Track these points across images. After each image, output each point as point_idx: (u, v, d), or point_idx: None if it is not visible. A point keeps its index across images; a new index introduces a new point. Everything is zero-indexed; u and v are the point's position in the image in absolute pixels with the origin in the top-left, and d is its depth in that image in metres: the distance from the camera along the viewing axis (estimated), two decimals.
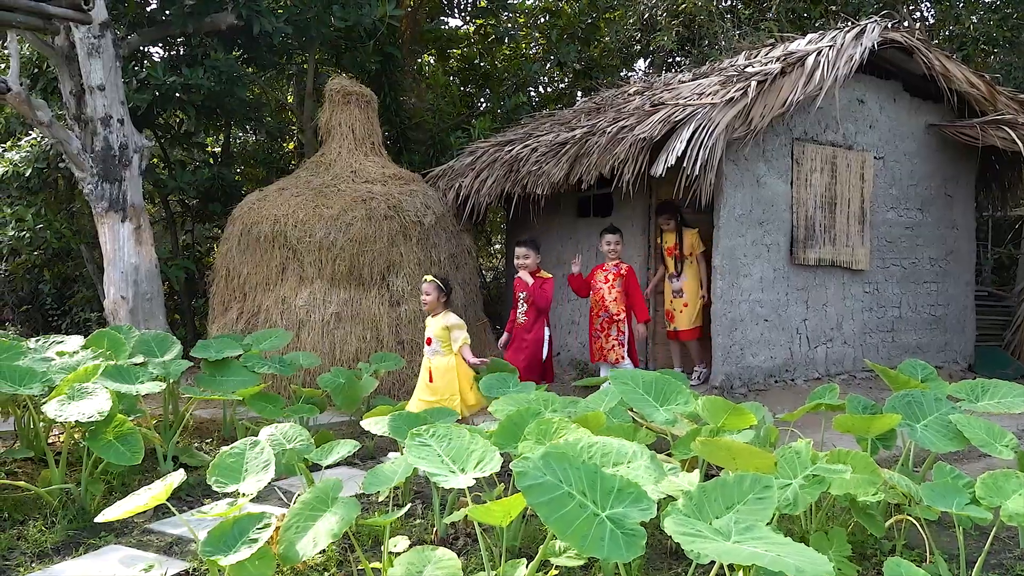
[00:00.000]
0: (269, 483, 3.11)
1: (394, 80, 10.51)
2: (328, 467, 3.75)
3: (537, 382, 5.19)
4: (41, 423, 4.50)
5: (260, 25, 8.10)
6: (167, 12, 8.16)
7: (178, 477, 2.95)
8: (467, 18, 13.24)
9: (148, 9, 8.72)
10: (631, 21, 12.66)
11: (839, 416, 3.62)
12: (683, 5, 11.58)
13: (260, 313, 7.14)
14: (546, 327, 5.85)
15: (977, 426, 3.49)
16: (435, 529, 3.56)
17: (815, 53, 6.54)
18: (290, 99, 12.81)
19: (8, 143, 9.44)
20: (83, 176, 7.19)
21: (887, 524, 3.30)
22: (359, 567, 3.18)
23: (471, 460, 2.87)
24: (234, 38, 8.82)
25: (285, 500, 3.97)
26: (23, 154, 8.98)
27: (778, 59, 6.67)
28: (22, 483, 3.80)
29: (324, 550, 3.22)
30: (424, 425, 3.13)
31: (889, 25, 7.02)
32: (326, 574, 3.15)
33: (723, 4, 12.17)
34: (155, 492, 2.86)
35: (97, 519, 2.96)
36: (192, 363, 5.38)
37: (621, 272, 6.11)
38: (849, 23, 7.22)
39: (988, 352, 8.66)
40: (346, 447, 3.66)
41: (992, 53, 11.26)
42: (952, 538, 3.49)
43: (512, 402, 3.84)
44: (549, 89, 14.00)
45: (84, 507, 3.82)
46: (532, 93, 13.18)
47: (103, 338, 5.02)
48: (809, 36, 7.33)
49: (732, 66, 7.39)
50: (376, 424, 3.91)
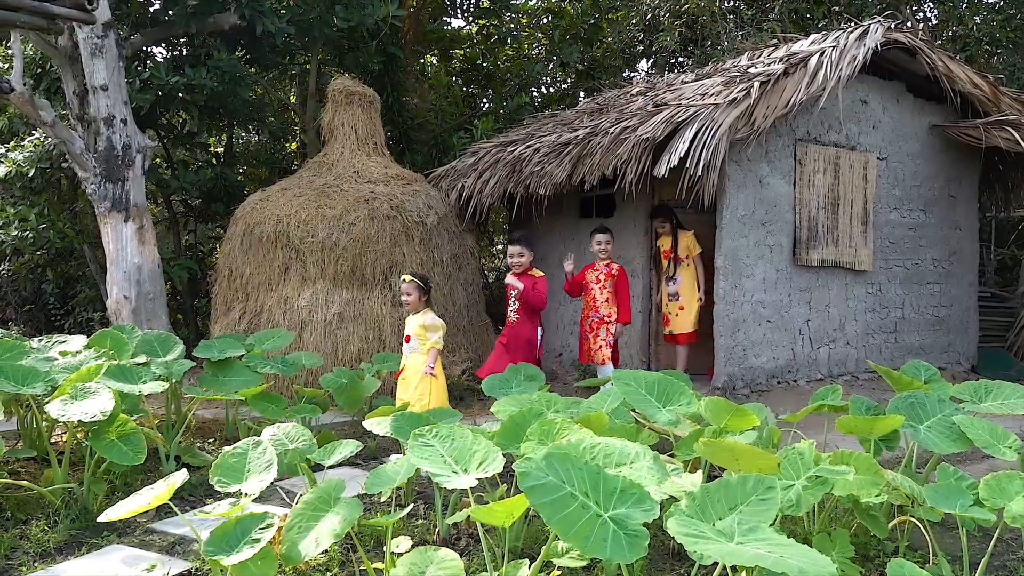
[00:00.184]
0: (271, 483, 3.11)
1: (397, 80, 10.52)
2: (330, 467, 3.75)
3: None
4: (44, 423, 4.51)
5: (263, 25, 8.11)
6: (170, 12, 8.18)
7: (180, 477, 2.95)
8: (470, 18, 13.25)
9: (151, 9, 8.74)
10: (634, 21, 12.66)
11: (842, 417, 3.62)
12: (686, 5, 11.58)
13: (262, 313, 7.14)
14: (539, 327, 5.79)
15: (980, 427, 3.49)
16: (437, 530, 3.56)
17: (818, 54, 6.53)
18: (293, 99, 12.82)
19: (11, 143, 9.46)
20: (86, 176, 7.20)
21: (890, 525, 3.30)
22: (361, 567, 3.18)
23: (474, 461, 2.87)
24: (237, 38, 8.84)
25: (287, 500, 3.98)
26: (26, 154, 8.99)
27: (781, 60, 6.67)
28: (25, 483, 3.81)
29: (326, 550, 3.22)
30: (427, 426, 3.13)
31: (892, 26, 7.01)
32: (328, 574, 3.15)
33: (726, 5, 12.16)
34: (158, 492, 2.87)
35: (100, 519, 2.96)
36: (194, 363, 5.39)
37: (612, 272, 6.09)
38: (852, 23, 7.21)
39: (991, 353, 8.65)
40: (348, 447, 3.67)
41: (995, 54, 11.24)
42: (955, 540, 3.49)
43: (514, 403, 3.84)
44: (552, 89, 14.00)
45: (87, 507, 3.82)
46: (535, 93, 13.19)
47: (106, 338, 5.04)
48: (812, 37, 7.32)
49: (735, 67, 7.38)
50: (378, 424, 3.91)
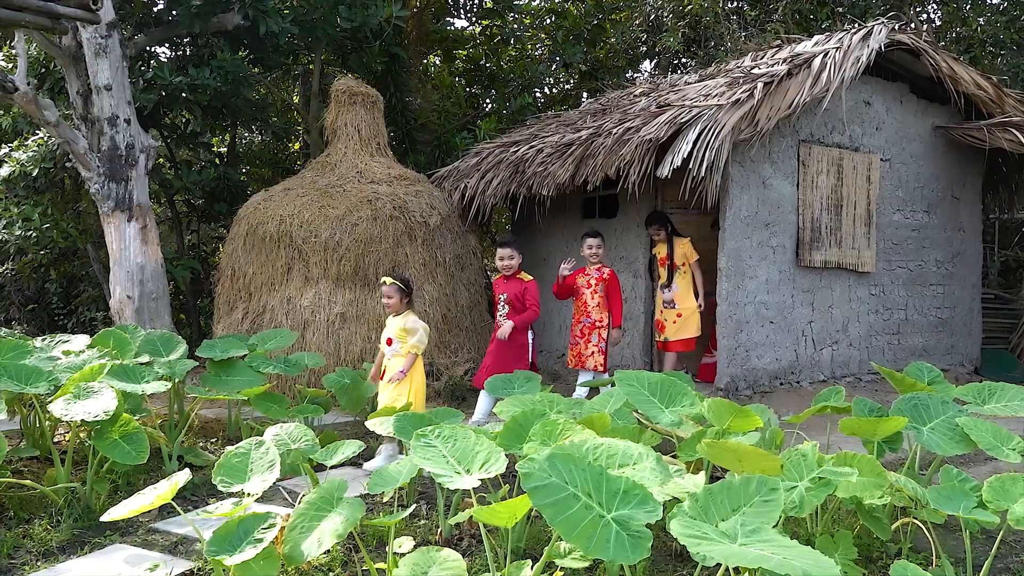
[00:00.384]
0: (274, 483, 3.11)
1: (400, 81, 10.53)
2: (333, 467, 3.76)
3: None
4: (47, 422, 4.52)
5: (266, 25, 8.12)
6: (174, 12, 8.19)
7: (183, 477, 2.96)
8: (473, 19, 13.25)
9: (155, 9, 8.75)
10: (637, 22, 12.67)
11: (845, 419, 3.61)
12: (689, 6, 11.58)
13: (265, 313, 7.15)
14: (529, 331, 5.70)
15: (984, 429, 3.48)
16: (440, 530, 3.56)
17: (821, 55, 6.52)
18: (296, 99, 12.83)
19: (15, 143, 9.47)
20: (89, 176, 7.21)
21: (893, 527, 3.29)
22: (364, 568, 3.18)
23: (476, 461, 2.87)
24: (240, 38, 8.85)
25: (290, 500, 3.98)
26: (30, 154, 9.01)
27: (784, 61, 6.66)
28: (28, 482, 3.82)
29: (329, 550, 3.21)
30: (429, 426, 3.13)
31: (896, 27, 7.00)
32: (331, 574, 3.15)
33: (729, 5, 12.16)
34: (160, 491, 2.87)
35: (102, 518, 2.97)
36: (197, 363, 5.40)
37: (604, 276, 5.99)
38: (856, 25, 7.20)
39: (994, 355, 8.63)
40: (351, 447, 3.67)
41: (999, 55, 11.23)
42: (959, 542, 3.48)
43: (517, 403, 3.84)
44: (555, 90, 14.00)
45: (89, 506, 3.83)
46: (538, 94, 13.18)
47: (109, 337, 5.05)
48: (816, 38, 7.31)
49: (738, 67, 7.37)
50: (381, 424, 3.91)
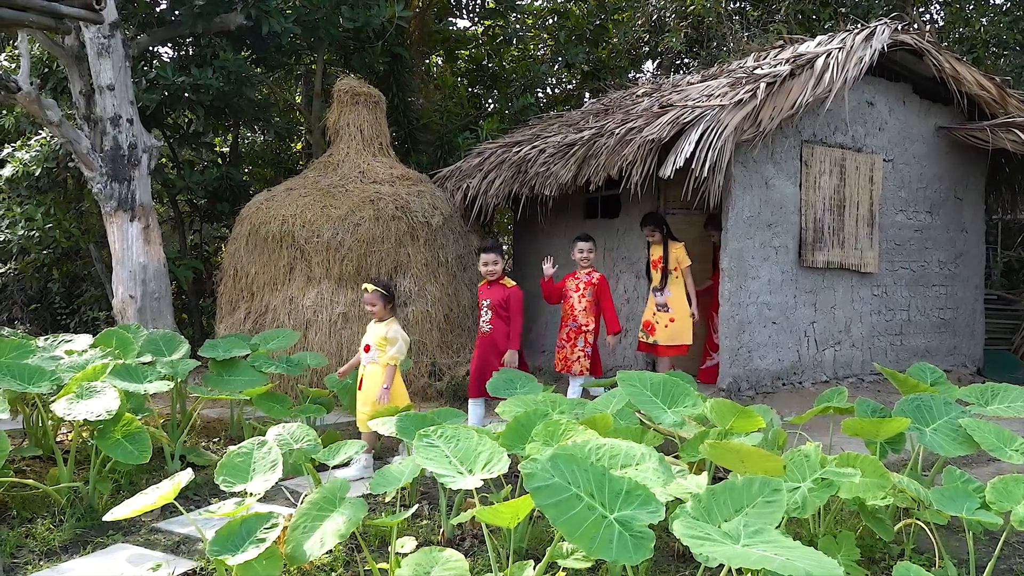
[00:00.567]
0: (276, 483, 3.11)
1: (402, 81, 10.53)
2: (335, 467, 3.76)
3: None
4: (50, 421, 4.53)
5: (269, 25, 8.12)
6: (176, 12, 8.20)
7: (186, 476, 2.96)
8: (475, 19, 13.25)
9: (158, 9, 8.76)
10: (639, 22, 12.66)
11: (848, 419, 3.60)
12: (692, 7, 11.57)
13: (268, 313, 7.16)
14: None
15: (987, 430, 3.47)
16: (442, 530, 3.56)
17: (824, 55, 6.51)
18: (298, 99, 12.84)
19: (18, 142, 9.49)
20: (92, 175, 7.22)
21: (896, 528, 3.29)
22: (366, 568, 3.18)
23: (479, 461, 2.86)
24: (243, 38, 8.85)
25: (292, 500, 3.98)
26: (33, 153, 9.02)
27: (787, 61, 6.65)
28: (30, 481, 3.82)
29: (331, 550, 3.22)
30: (432, 426, 3.13)
31: (899, 27, 6.99)
32: (333, 574, 3.15)
33: (732, 6, 12.15)
34: (163, 491, 2.87)
35: (105, 518, 2.97)
36: (200, 362, 5.40)
37: (592, 281, 5.91)
38: (859, 25, 7.19)
39: (997, 356, 8.62)
40: (353, 447, 3.67)
41: (1002, 55, 11.20)
42: (962, 543, 3.47)
43: (520, 403, 3.84)
44: (557, 90, 14.00)
45: (92, 505, 3.83)
46: (540, 94, 13.19)
47: (111, 337, 5.05)
48: (818, 38, 7.30)
49: (741, 68, 7.37)
50: (383, 424, 3.91)
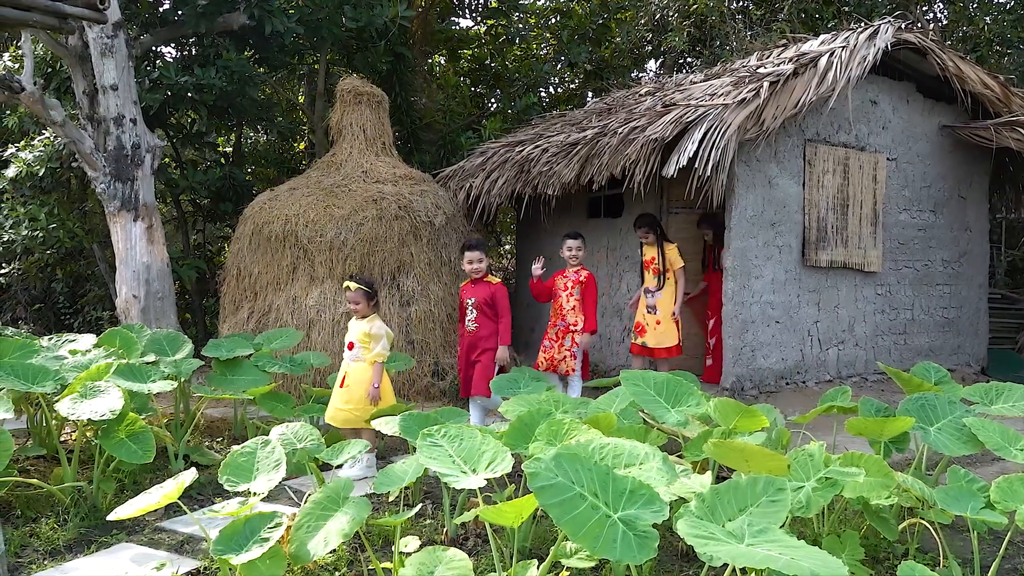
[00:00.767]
0: (280, 482, 3.11)
1: (405, 80, 10.53)
2: (338, 466, 3.76)
3: (487, 394, 5.11)
4: (54, 421, 4.53)
5: (272, 25, 8.13)
6: (180, 12, 8.20)
7: (189, 476, 2.96)
8: (478, 18, 13.26)
9: (161, 9, 8.77)
10: (642, 22, 12.65)
11: (852, 419, 3.60)
12: (694, 6, 11.56)
13: (271, 312, 7.16)
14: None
15: (991, 429, 3.47)
16: (445, 530, 3.56)
17: (828, 54, 6.50)
18: (301, 99, 12.85)
19: (22, 143, 9.50)
20: (96, 175, 7.23)
21: (900, 528, 3.28)
22: (370, 567, 3.18)
23: (482, 461, 2.86)
24: (246, 38, 8.86)
25: (296, 499, 3.98)
26: (36, 153, 9.03)
27: (790, 60, 6.64)
28: (35, 481, 3.83)
29: (335, 550, 3.22)
30: (435, 426, 3.13)
31: (902, 26, 6.98)
32: (337, 574, 3.16)
33: (735, 5, 12.14)
34: (167, 491, 2.88)
35: (109, 517, 2.97)
36: (203, 362, 5.41)
37: (581, 279, 5.82)
38: (862, 24, 7.18)
39: (1001, 355, 8.59)
40: (356, 447, 3.67)
41: (1006, 54, 11.18)
42: (966, 542, 3.47)
43: (523, 403, 3.84)
44: (560, 90, 13.99)
45: (96, 505, 3.84)
46: (543, 94, 13.18)
47: (115, 337, 5.06)
48: (822, 37, 7.29)
49: (744, 67, 7.36)
50: (386, 424, 3.91)
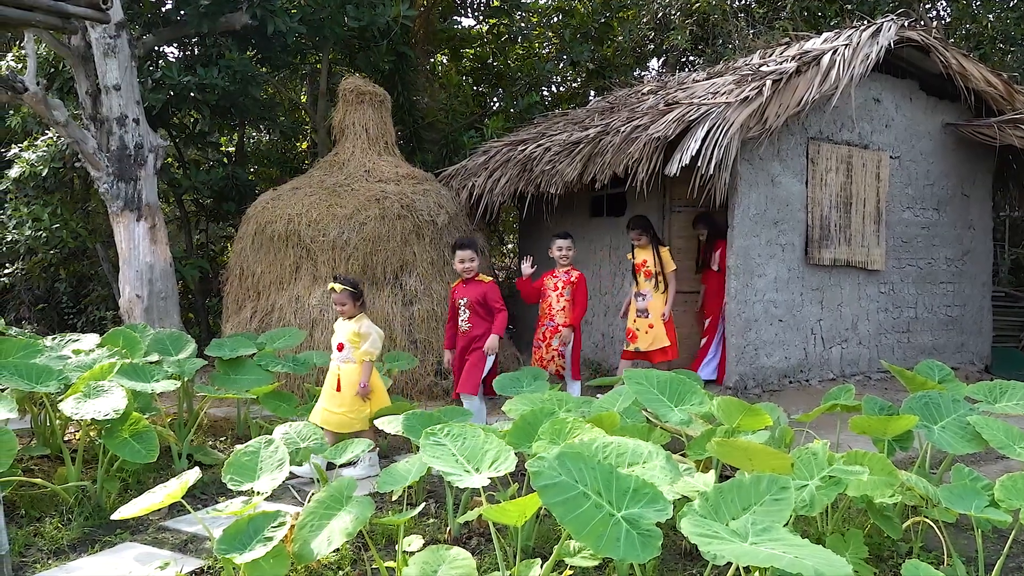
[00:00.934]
0: (283, 481, 3.11)
1: (407, 80, 10.53)
2: (342, 466, 3.76)
3: (473, 391, 5.12)
4: (57, 421, 4.54)
5: (274, 25, 8.13)
6: (182, 12, 8.21)
7: (193, 475, 2.97)
8: (480, 17, 13.25)
9: (163, 9, 8.78)
10: (645, 20, 12.63)
11: (855, 417, 3.59)
12: (697, 4, 11.54)
13: (274, 312, 7.17)
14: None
15: (995, 428, 3.46)
16: (449, 528, 3.56)
17: (830, 52, 6.49)
18: (304, 99, 12.85)
19: (25, 143, 9.52)
20: (99, 175, 7.24)
21: (904, 526, 3.27)
22: (373, 566, 3.18)
23: (486, 460, 2.86)
24: (248, 38, 8.87)
25: (299, 499, 3.98)
26: (39, 154, 9.05)
27: (793, 58, 6.63)
28: (38, 480, 3.83)
29: (338, 549, 3.22)
30: (439, 424, 3.13)
31: (905, 24, 6.97)
32: (340, 573, 3.16)
33: (737, 3, 12.12)
34: (170, 490, 2.88)
35: (113, 516, 2.97)
36: (206, 362, 5.41)
37: (571, 280, 5.81)
38: (865, 22, 7.16)
39: (1005, 353, 8.58)
40: (360, 446, 3.67)
41: (1009, 51, 11.15)
42: (970, 541, 3.46)
43: (526, 402, 3.84)
44: (562, 88, 13.99)
45: (100, 504, 3.84)
46: (545, 92, 13.18)
47: (118, 336, 5.06)
48: (824, 35, 7.28)
49: (747, 65, 7.35)
50: (390, 423, 3.91)
